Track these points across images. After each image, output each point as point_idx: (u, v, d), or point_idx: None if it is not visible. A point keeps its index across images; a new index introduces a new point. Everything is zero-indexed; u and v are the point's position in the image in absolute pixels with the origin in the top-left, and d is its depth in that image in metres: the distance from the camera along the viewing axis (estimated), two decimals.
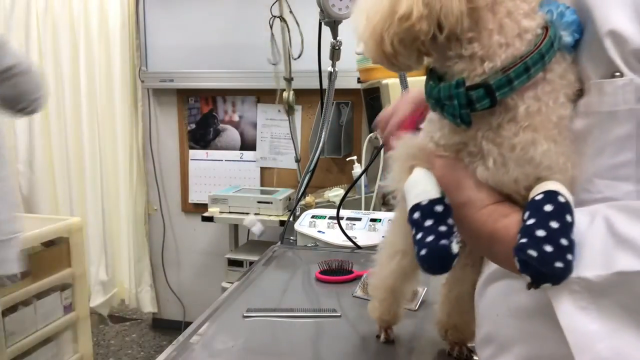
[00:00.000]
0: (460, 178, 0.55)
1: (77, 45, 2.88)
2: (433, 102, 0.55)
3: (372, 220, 1.59)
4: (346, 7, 1.55)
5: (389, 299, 0.83)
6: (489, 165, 0.53)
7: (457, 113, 0.52)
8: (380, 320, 0.89)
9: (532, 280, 0.46)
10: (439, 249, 0.51)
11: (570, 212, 0.47)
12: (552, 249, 0.45)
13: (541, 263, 0.45)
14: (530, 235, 0.47)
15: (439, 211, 0.54)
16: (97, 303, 3.00)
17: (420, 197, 0.55)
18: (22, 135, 2.96)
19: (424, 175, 0.57)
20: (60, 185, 3.03)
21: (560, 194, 0.49)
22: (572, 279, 0.45)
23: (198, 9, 2.79)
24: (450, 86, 0.52)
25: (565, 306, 0.45)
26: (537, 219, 0.47)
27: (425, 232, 0.52)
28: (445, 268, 0.52)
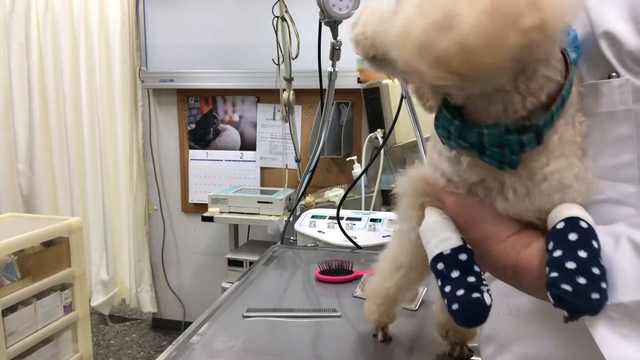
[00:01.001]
0: (476, 214, 0.53)
1: (77, 45, 2.88)
2: (466, 145, 0.50)
3: (372, 220, 1.59)
4: (346, 7, 1.55)
5: (387, 304, 0.83)
6: (509, 197, 0.50)
7: (506, 160, 0.48)
8: (377, 321, 0.90)
9: (569, 314, 0.44)
10: (472, 303, 0.49)
11: (595, 238, 0.45)
12: (586, 281, 0.43)
13: (577, 297, 0.43)
14: (560, 268, 0.44)
15: (463, 260, 0.51)
16: (98, 302, 3.00)
17: (441, 246, 0.52)
18: (21, 134, 2.96)
19: (440, 220, 0.54)
20: (60, 185, 3.03)
21: (581, 220, 0.46)
22: (609, 306, 0.43)
23: (198, 9, 2.80)
24: (500, 133, 0.47)
25: (606, 335, 0.43)
26: (563, 250, 0.45)
27: (453, 285, 0.50)
28: (481, 321, 0.49)
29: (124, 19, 2.82)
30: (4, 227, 2.06)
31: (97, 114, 2.93)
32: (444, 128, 0.52)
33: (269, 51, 2.30)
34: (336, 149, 2.47)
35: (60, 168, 3.02)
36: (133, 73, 2.88)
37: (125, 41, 2.83)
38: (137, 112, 2.95)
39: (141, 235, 3.06)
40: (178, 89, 2.91)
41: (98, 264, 3.04)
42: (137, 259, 3.04)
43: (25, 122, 2.95)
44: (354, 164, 2.24)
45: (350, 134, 2.62)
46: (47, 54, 2.90)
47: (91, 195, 2.99)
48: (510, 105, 0.47)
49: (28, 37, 2.89)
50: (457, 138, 0.50)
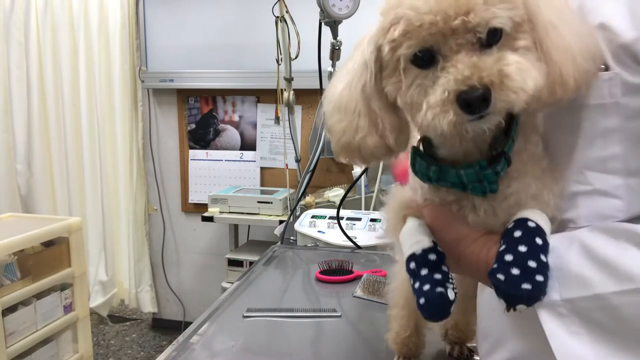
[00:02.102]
0: (450, 219, 0.57)
1: (77, 45, 2.88)
2: (448, 185, 0.55)
3: (372, 220, 1.59)
4: (346, 7, 1.55)
5: (405, 315, 0.79)
6: (480, 214, 0.54)
7: (487, 189, 0.52)
8: (397, 344, 0.81)
9: (505, 302, 0.47)
10: (436, 296, 0.52)
11: (540, 236, 0.49)
12: (519, 272, 0.46)
13: (508, 286, 0.47)
14: (500, 260, 0.49)
15: (432, 259, 0.55)
16: (97, 303, 3.00)
17: (414, 247, 0.56)
18: (20, 134, 2.96)
19: (416, 226, 0.58)
20: (59, 185, 3.03)
21: (529, 220, 0.50)
22: (558, 302, 0.46)
23: (198, 9, 2.79)
24: (476, 171, 0.52)
25: (556, 331, 0.46)
26: (506, 244, 0.49)
27: (421, 281, 0.53)
28: (444, 314, 0.52)
29: (124, 19, 2.82)
30: (4, 227, 2.06)
31: (96, 114, 2.93)
32: (423, 173, 0.56)
33: (269, 51, 2.29)
34: None
35: (59, 168, 3.01)
36: (133, 73, 2.88)
37: (125, 41, 2.83)
38: (137, 112, 2.95)
39: (141, 235, 3.05)
40: (178, 89, 2.91)
41: (97, 265, 3.03)
42: (137, 259, 3.04)
43: (24, 122, 2.95)
44: None
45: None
46: (47, 54, 2.90)
47: (90, 196, 2.99)
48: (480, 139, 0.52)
49: (27, 37, 2.89)
50: (437, 180, 0.55)
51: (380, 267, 1.30)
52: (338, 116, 0.55)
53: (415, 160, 0.57)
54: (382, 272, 1.25)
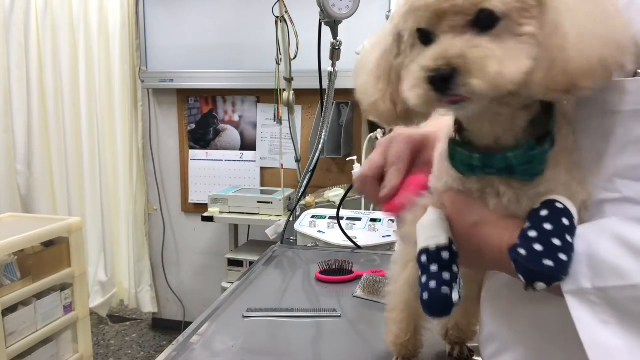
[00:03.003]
0: (470, 202, 0.56)
1: (77, 45, 2.88)
2: (494, 171, 0.53)
3: (372, 220, 1.59)
4: (346, 7, 1.55)
5: (405, 319, 0.78)
6: (504, 201, 0.53)
7: (537, 171, 0.51)
8: (396, 346, 0.81)
9: (525, 279, 0.46)
10: (440, 296, 0.52)
11: (567, 217, 0.48)
12: (542, 248, 0.45)
13: (529, 260, 0.45)
14: (523, 236, 0.48)
15: (445, 258, 0.54)
16: (96, 304, 3.00)
17: (429, 241, 0.56)
18: (20, 134, 2.96)
19: (435, 219, 0.57)
20: (59, 185, 3.03)
21: (558, 202, 0.49)
22: (590, 290, 0.44)
23: (198, 9, 2.79)
24: (525, 152, 0.50)
25: (586, 319, 0.44)
26: (531, 222, 0.48)
27: (429, 276, 0.53)
28: (444, 313, 0.52)
29: (124, 19, 2.82)
30: (4, 227, 2.06)
31: (96, 114, 2.93)
32: (464, 164, 0.55)
33: (269, 51, 2.30)
34: (336, 149, 2.47)
35: (58, 168, 3.01)
36: (133, 73, 2.88)
37: (125, 41, 2.83)
38: (137, 112, 2.95)
39: (141, 236, 3.06)
40: (178, 89, 2.91)
41: (96, 265, 3.03)
42: (137, 259, 3.04)
43: (24, 122, 2.95)
44: (354, 164, 2.24)
45: (350, 134, 2.62)
46: (47, 54, 2.90)
47: (90, 196, 2.99)
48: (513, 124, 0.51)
49: (27, 37, 2.89)
50: (483, 168, 0.53)
51: (380, 267, 1.30)
52: (364, 76, 0.57)
53: (454, 152, 0.55)
54: (382, 272, 1.25)
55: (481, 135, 0.54)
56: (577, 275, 0.45)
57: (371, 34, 0.61)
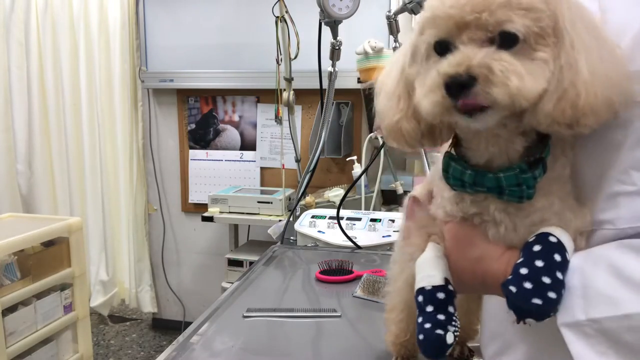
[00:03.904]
0: (472, 235, 0.57)
1: (77, 45, 2.88)
2: (483, 190, 0.54)
3: (372, 220, 1.59)
4: (346, 7, 1.55)
5: (404, 319, 0.78)
6: (501, 230, 0.54)
7: (524, 194, 0.52)
8: (395, 345, 0.81)
9: (515, 314, 0.48)
10: (434, 337, 0.53)
11: (559, 252, 0.48)
12: (531, 286, 0.47)
13: (518, 298, 0.47)
14: (515, 272, 0.49)
15: (440, 298, 0.55)
16: (98, 303, 3.00)
17: (424, 281, 0.57)
18: (21, 134, 2.96)
19: (432, 258, 0.59)
20: (59, 185, 3.03)
21: (551, 235, 0.50)
22: (583, 322, 0.45)
23: (198, 9, 2.79)
24: (516, 174, 0.51)
25: (583, 352, 0.45)
26: (524, 258, 0.50)
27: (425, 318, 0.55)
28: (439, 355, 0.53)
29: (124, 19, 2.82)
30: (4, 227, 2.06)
31: (96, 114, 2.93)
32: (456, 178, 0.55)
33: (269, 51, 2.29)
34: (336, 149, 2.47)
35: (59, 168, 3.01)
36: (133, 73, 2.88)
37: (125, 41, 2.83)
38: (137, 112, 2.95)
39: (141, 235, 3.06)
40: (178, 89, 2.91)
41: (97, 264, 3.04)
42: (137, 259, 3.04)
43: (24, 122, 2.95)
44: (354, 164, 2.24)
45: (350, 134, 2.62)
46: (47, 54, 2.90)
47: (90, 196, 2.99)
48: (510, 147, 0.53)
49: (27, 37, 2.89)
50: (473, 185, 0.54)
51: (380, 267, 1.30)
52: (384, 99, 0.57)
53: (448, 166, 0.56)
54: (382, 272, 1.25)
55: (477, 154, 0.55)
56: (572, 307, 0.46)
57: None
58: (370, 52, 2.17)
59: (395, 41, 1.68)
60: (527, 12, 0.46)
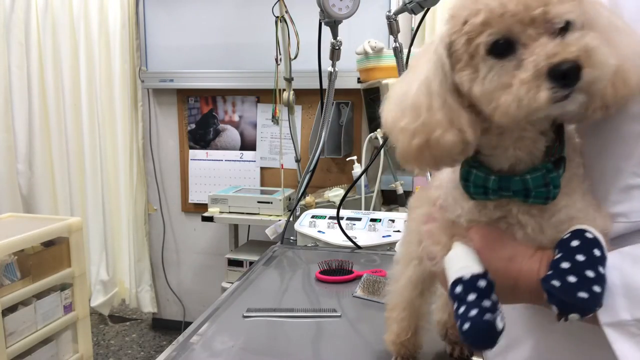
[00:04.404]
0: (501, 236, 0.55)
1: (77, 45, 2.88)
2: (509, 194, 0.53)
3: (372, 220, 1.59)
4: (346, 7, 1.55)
5: (406, 318, 0.78)
6: (528, 231, 0.53)
7: (551, 194, 0.51)
8: (395, 345, 0.81)
9: (559, 310, 0.46)
10: (483, 323, 0.49)
11: (598, 247, 0.47)
12: (576, 280, 0.45)
13: (563, 293, 0.45)
14: (555, 267, 0.47)
15: (482, 286, 0.52)
16: (98, 303, 3.00)
17: (462, 271, 0.54)
18: (21, 134, 2.96)
19: (465, 251, 0.56)
20: (60, 185, 3.03)
21: (587, 231, 0.49)
22: (629, 321, 0.44)
23: (198, 9, 2.79)
24: (544, 175, 0.51)
25: (627, 350, 0.44)
26: (563, 253, 0.48)
27: (468, 306, 0.51)
28: (490, 343, 0.49)
29: (124, 19, 2.82)
30: (4, 227, 2.06)
31: (96, 114, 2.94)
32: (478, 186, 0.54)
33: (269, 51, 2.30)
34: (336, 149, 2.47)
35: (59, 168, 3.02)
36: (133, 73, 2.88)
37: (125, 41, 2.83)
38: (137, 112, 2.95)
39: (141, 235, 3.06)
40: (178, 89, 2.91)
41: (98, 264, 3.04)
42: (137, 259, 3.04)
43: (24, 122, 2.95)
44: (354, 164, 2.24)
45: (350, 134, 2.62)
46: (47, 53, 2.90)
47: (91, 195, 2.99)
48: (534, 148, 0.52)
49: (28, 37, 2.89)
50: (497, 190, 0.53)
51: (380, 267, 1.30)
52: (411, 116, 0.53)
53: (469, 174, 0.55)
54: (382, 272, 1.25)
55: (502, 160, 0.53)
56: (615, 307, 0.45)
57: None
58: (370, 52, 2.17)
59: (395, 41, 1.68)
60: (573, 3, 0.47)
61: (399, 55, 1.66)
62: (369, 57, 2.19)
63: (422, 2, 1.39)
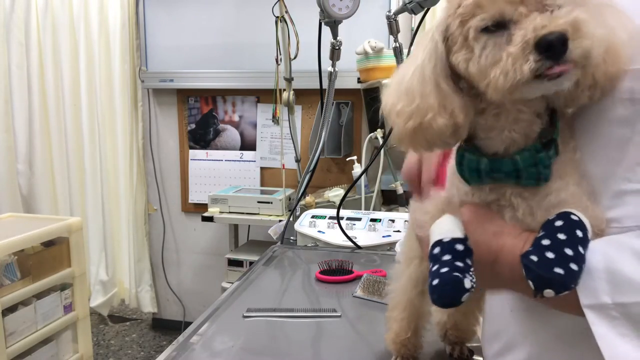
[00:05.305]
0: (491, 213, 0.56)
1: (77, 45, 2.88)
2: (501, 176, 0.54)
3: (372, 220, 1.59)
4: (346, 7, 1.55)
5: (406, 317, 0.78)
6: (519, 214, 0.54)
7: (542, 175, 0.52)
8: (395, 344, 0.81)
9: (534, 285, 0.46)
10: (451, 279, 0.50)
11: (580, 229, 0.48)
12: (554, 256, 0.46)
13: (540, 267, 0.46)
14: (536, 244, 0.48)
15: (459, 249, 0.53)
16: (97, 303, 3.00)
17: (443, 234, 0.55)
18: (21, 134, 2.96)
19: (452, 219, 0.57)
20: (60, 185, 3.03)
21: (573, 214, 0.49)
22: (610, 305, 0.45)
23: (198, 9, 2.79)
24: (532, 154, 0.52)
25: (606, 333, 0.45)
26: (545, 231, 0.49)
27: (441, 264, 0.52)
28: (455, 300, 0.50)
29: (124, 19, 2.82)
30: (4, 227, 2.06)
31: (96, 114, 2.94)
32: (472, 169, 0.55)
33: (269, 51, 2.30)
34: (336, 149, 2.47)
35: (59, 168, 3.02)
36: (133, 73, 2.88)
37: (125, 41, 2.83)
38: (137, 112, 2.95)
39: (141, 235, 3.06)
40: (178, 89, 2.91)
41: (97, 264, 3.04)
42: (137, 259, 3.04)
43: (25, 122, 2.95)
44: (354, 164, 2.24)
45: (350, 134, 2.62)
46: (47, 53, 2.90)
47: (91, 196, 2.99)
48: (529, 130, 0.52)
49: (28, 37, 2.89)
50: (490, 173, 0.54)
51: (380, 267, 1.30)
52: (406, 100, 0.55)
53: (462, 158, 0.56)
54: (382, 272, 1.25)
55: (497, 142, 0.54)
56: (597, 290, 0.45)
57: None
58: (370, 52, 2.17)
59: (395, 41, 1.68)
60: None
61: (399, 55, 1.66)
62: (369, 57, 2.19)
63: (422, 2, 1.39)
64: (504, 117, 0.53)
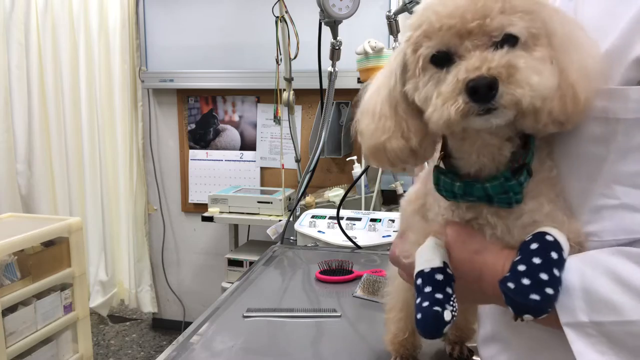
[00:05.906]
0: (473, 231, 0.57)
1: (77, 45, 2.88)
2: (474, 199, 0.55)
3: (372, 220, 1.59)
4: (346, 7, 1.55)
5: (403, 318, 0.79)
6: (497, 232, 0.55)
7: (512, 201, 0.53)
8: (394, 345, 0.82)
9: (513, 310, 0.48)
10: (431, 314, 0.52)
11: (555, 250, 0.49)
12: (529, 282, 0.47)
13: (517, 294, 0.47)
14: (513, 269, 0.49)
15: (438, 279, 0.55)
16: (97, 303, 3.00)
17: (424, 264, 0.57)
18: (21, 134, 2.96)
19: (432, 245, 0.59)
20: (59, 185, 3.03)
21: (548, 234, 0.51)
22: (586, 323, 0.46)
23: (198, 9, 2.79)
24: (502, 183, 0.53)
25: (584, 350, 0.46)
26: (521, 256, 0.50)
27: (423, 297, 0.54)
28: (437, 333, 0.52)
29: (124, 19, 2.82)
30: (4, 227, 2.06)
31: (96, 114, 2.93)
32: (448, 190, 0.56)
33: (269, 51, 2.30)
34: (336, 149, 2.47)
35: (59, 168, 3.01)
36: (133, 73, 2.88)
37: (125, 41, 2.83)
38: (137, 112, 2.95)
39: (141, 236, 3.06)
40: (178, 89, 2.91)
41: (97, 265, 3.04)
42: (137, 259, 3.04)
43: (24, 122, 2.95)
44: (354, 164, 2.24)
45: (350, 134, 2.62)
46: (47, 54, 2.90)
47: (90, 196, 2.99)
48: (498, 154, 0.53)
49: (27, 37, 2.89)
50: (463, 195, 0.55)
51: (380, 267, 1.30)
52: (367, 119, 0.58)
53: (438, 179, 0.57)
54: (382, 272, 1.25)
55: (468, 164, 0.55)
56: (574, 309, 0.47)
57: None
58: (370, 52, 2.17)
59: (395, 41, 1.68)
60: (524, 15, 0.47)
61: None
62: (369, 57, 2.19)
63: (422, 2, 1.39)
64: (468, 142, 0.54)
